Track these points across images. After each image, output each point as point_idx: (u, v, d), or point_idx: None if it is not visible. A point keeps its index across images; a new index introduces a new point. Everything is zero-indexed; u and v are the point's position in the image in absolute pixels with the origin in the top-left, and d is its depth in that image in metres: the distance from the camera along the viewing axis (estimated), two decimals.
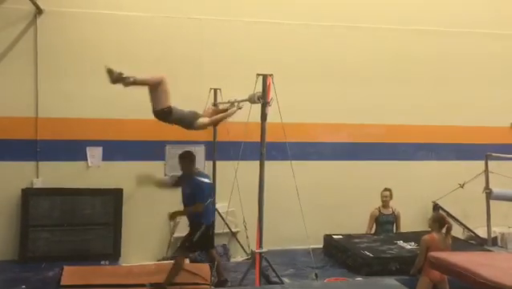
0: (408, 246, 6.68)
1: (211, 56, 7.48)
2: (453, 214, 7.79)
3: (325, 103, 7.81)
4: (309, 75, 7.75)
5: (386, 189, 7.54)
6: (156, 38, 7.39)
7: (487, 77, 8.32)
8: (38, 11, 6.99)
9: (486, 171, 7.42)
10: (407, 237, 7.04)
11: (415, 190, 7.92)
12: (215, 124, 5.72)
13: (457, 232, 7.63)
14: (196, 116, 5.35)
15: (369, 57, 7.98)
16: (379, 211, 7.58)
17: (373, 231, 7.61)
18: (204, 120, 5.34)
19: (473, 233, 7.89)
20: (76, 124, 7.16)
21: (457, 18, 8.21)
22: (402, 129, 8.18)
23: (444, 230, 5.67)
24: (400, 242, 6.85)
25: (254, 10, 7.61)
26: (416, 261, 5.63)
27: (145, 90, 7.27)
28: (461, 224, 7.89)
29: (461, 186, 7.58)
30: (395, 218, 7.59)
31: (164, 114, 5.16)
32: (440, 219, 5.81)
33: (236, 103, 5.55)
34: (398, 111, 8.06)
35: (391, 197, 7.53)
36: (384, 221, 7.55)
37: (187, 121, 5.32)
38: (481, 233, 7.76)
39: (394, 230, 7.60)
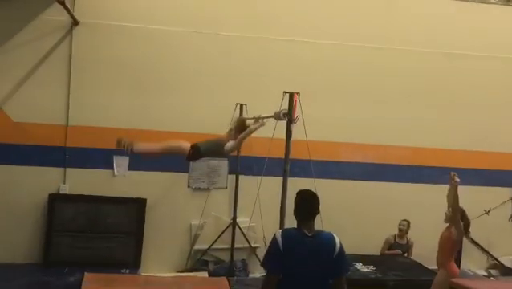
0: None
1: (239, 72, 7.58)
2: (478, 241, 7.62)
3: (351, 123, 7.80)
4: (335, 94, 7.77)
5: (404, 220, 7.44)
6: (186, 52, 7.52)
7: None
8: (75, 23, 7.21)
9: None
10: None
11: (438, 215, 7.77)
12: (241, 143, 5.48)
13: (481, 260, 7.47)
14: (221, 142, 5.32)
15: (397, 78, 7.95)
16: (395, 239, 7.48)
17: None
18: (230, 144, 5.27)
19: (498, 261, 7.70)
20: (104, 133, 7.27)
21: (479, 42, 8.13)
22: (428, 152, 8.07)
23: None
24: None
25: (282, 28, 7.69)
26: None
27: (171, 103, 7.46)
28: (486, 251, 7.71)
29: (487, 213, 7.42)
30: (408, 248, 7.47)
31: (194, 155, 5.20)
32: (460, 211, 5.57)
33: (260, 120, 5.56)
34: (424, 133, 7.98)
35: (408, 227, 7.42)
36: None
37: (217, 151, 5.36)
38: (506, 261, 7.58)
39: None
